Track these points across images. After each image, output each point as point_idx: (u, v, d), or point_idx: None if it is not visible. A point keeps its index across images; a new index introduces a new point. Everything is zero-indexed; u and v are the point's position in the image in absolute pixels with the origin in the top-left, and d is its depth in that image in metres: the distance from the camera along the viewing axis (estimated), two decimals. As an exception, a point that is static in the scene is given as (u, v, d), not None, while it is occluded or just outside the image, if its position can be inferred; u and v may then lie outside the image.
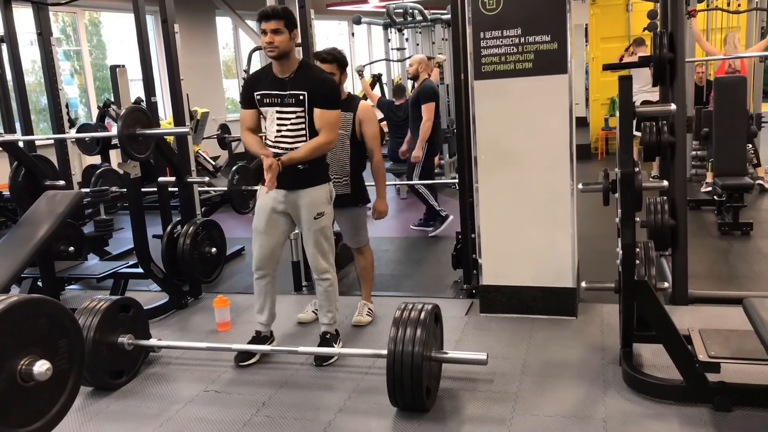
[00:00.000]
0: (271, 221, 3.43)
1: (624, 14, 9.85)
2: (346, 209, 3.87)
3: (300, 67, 3.33)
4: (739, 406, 2.73)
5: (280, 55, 3.23)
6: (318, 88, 3.29)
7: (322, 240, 3.43)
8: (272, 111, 3.35)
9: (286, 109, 3.31)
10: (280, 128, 3.34)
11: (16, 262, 3.76)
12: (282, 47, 3.20)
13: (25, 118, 5.33)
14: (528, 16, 3.66)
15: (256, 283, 3.53)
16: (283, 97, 3.31)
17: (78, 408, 3.11)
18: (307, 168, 3.32)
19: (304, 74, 3.31)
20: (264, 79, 3.37)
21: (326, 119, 3.28)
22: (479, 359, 2.97)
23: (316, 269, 3.48)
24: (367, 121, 3.81)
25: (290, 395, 3.16)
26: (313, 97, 3.27)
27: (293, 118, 3.31)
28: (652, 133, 3.76)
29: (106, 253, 5.76)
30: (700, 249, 5.06)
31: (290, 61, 3.28)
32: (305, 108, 3.28)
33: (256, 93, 3.36)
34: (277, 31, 3.18)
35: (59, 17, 9.92)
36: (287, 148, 3.33)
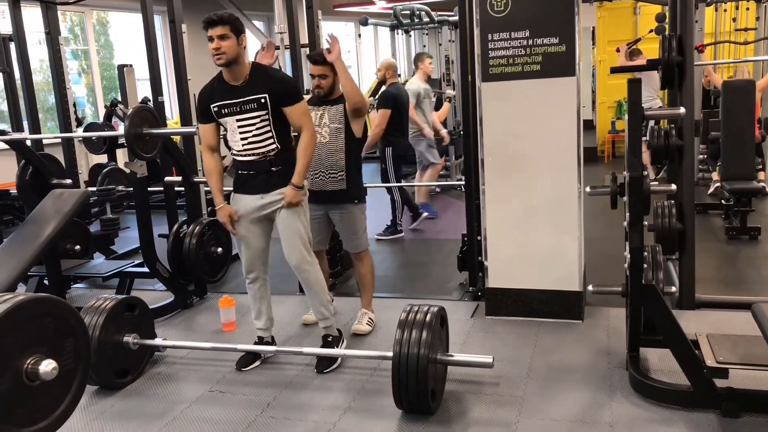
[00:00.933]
0: (251, 225, 3.41)
1: (631, 17, 9.82)
2: (343, 208, 3.75)
3: (253, 71, 3.26)
4: (747, 413, 2.71)
5: (229, 62, 3.17)
6: (278, 87, 3.25)
7: (299, 228, 3.35)
8: (232, 121, 3.27)
9: (248, 116, 3.24)
10: (245, 136, 3.27)
11: (23, 260, 3.77)
12: (230, 53, 3.14)
13: (33, 116, 5.36)
14: (536, 18, 3.65)
15: (249, 288, 3.53)
16: (242, 104, 3.23)
17: (83, 407, 3.11)
18: (280, 169, 3.30)
19: (259, 77, 3.25)
20: (217, 89, 3.29)
21: (300, 112, 3.27)
22: (485, 362, 2.96)
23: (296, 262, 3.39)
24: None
25: (295, 396, 3.15)
26: (276, 97, 3.22)
27: (257, 123, 3.24)
28: (660, 136, 3.74)
29: (112, 252, 5.77)
30: (708, 253, 5.03)
31: (241, 66, 3.22)
32: (268, 110, 3.23)
33: (213, 105, 3.28)
34: (223, 37, 3.12)
35: (67, 16, 9.94)
36: (257, 153, 3.29)
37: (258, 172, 3.34)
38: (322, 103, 3.71)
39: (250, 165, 3.34)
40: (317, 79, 3.62)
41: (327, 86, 3.64)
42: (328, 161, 3.67)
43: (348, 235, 3.85)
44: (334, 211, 3.78)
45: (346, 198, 3.73)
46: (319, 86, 3.64)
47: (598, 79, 10.56)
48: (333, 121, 3.66)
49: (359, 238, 3.84)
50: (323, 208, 3.76)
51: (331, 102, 3.70)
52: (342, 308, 4.12)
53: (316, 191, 3.68)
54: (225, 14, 3.18)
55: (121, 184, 5.99)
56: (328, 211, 3.79)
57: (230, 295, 4.23)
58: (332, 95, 3.70)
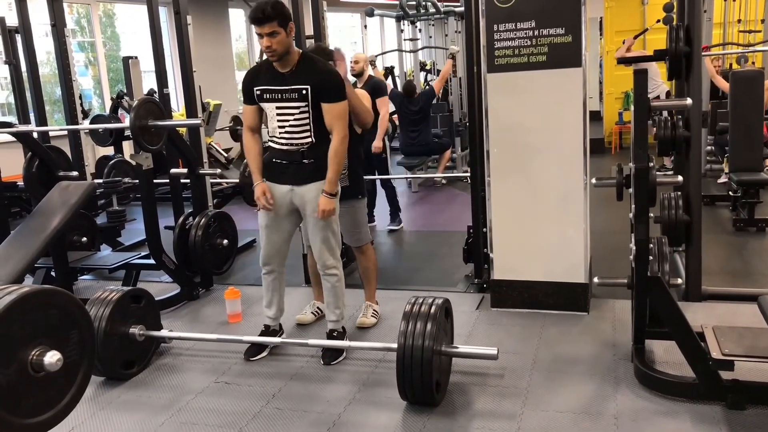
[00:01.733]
0: (277, 217, 3.41)
1: (639, 7, 9.76)
2: (346, 203, 3.71)
3: (301, 60, 3.21)
4: (752, 405, 2.70)
5: (281, 56, 3.15)
6: (322, 81, 3.18)
7: (329, 235, 3.38)
8: (272, 107, 3.25)
9: (288, 104, 3.22)
10: (282, 125, 3.25)
11: (30, 252, 3.78)
12: (281, 49, 3.10)
13: (39, 109, 5.37)
14: (542, 9, 3.62)
15: (264, 278, 3.54)
16: (284, 92, 3.21)
17: (89, 398, 3.13)
18: (313, 161, 3.28)
19: (306, 68, 3.20)
20: (263, 73, 3.27)
21: (336, 113, 3.20)
22: (490, 354, 2.96)
23: (324, 265, 3.44)
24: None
25: (300, 387, 3.16)
26: (318, 91, 3.18)
27: (296, 114, 3.22)
28: (667, 127, 3.72)
29: (119, 244, 5.80)
30: (715, 245, 5.01)
31: (290, 55, 3.17)
32: (308, 102, 3.20)
33: (256, 88, 3.26)
34: (273, 34, 3.06)
35: (74, 9, 9.96)
36: (293, 143, 3.27)
37: (290, 162, 3.30)
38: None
39: (284, 154, 3.31)
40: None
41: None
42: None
43: (350, 229, 3.81)
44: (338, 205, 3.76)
45: (350, 194, 3.70)
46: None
47: (605, 70, 10.51)
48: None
49: (361, 231, 3.83)
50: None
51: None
52: (346, 301, 4.09)
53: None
54: (269, 9, 3.04)
55: (128, 176, 6.01)
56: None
57: (236, 286, 4.25)
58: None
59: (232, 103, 11.49)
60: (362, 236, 3.85)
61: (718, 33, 8.25)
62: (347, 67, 3.93)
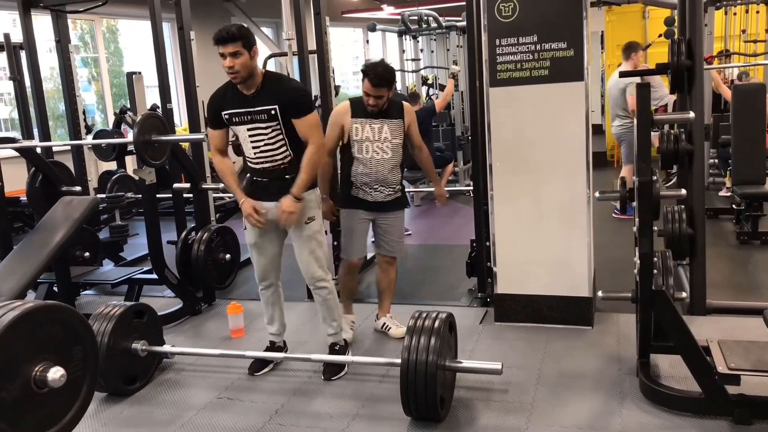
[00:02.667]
0: (264, 233, 3.39)
1: (641, 21, 9.79)
2: (393, 214, 3.76)
3: (265, 80, 3.19)
4: (759, 420, 2.68)
5: (245, 79, 3.13)
6: (288, 99, 3.17)
7: (315, 246, 3.36)
8: (243, 129, 3.23)
9: (259, 125, 3.20)
10: (256, 145, 3.23)
11: (33, 267, 3.78)
12: (244, 71, 3.08)
13: (43, 124, 5.39)
14: (544, 23, 3.64)
15: (262, 294, 3.53)
16: (252, 114, 3.19)
17: (92, 414, 3.12)
18: (294, 177, 3.23)
19: (270, 87, 3.18)
20: (229, 97, 3.23)
21: (307, 124, 3.19)
22: (494, 369, 2.94)
23: (312, 277, 3.40)
24: (413, 123, 3.78)
25: (303, 403, 3.14)
26: (285, 109, 3.16)
27: (269, 133, 3.20)
28: (670, 141, 3.72)
29: (121, 259, 5.79)
30: (719, 258, 5.00)
31: (254, 78, 3.15)
32: (279, 121, 3.17)
33: (224, 113, 3.24)
34: (236, 54, 3.04)
35: (77, 24, 10.02)
36: (271, 161, 3.26)
37: (272, 180, 3.29)
38: (378, 115, 3.63)
39: (264, 172, 3.30)
40: (373, 99, 3.54)
41: (382, 105, 3.59)
42: (390, 177, 3.66)
43: (392, 239, 3.79)
44: (383, 217, 3.75)
45: (397, 205, 3.77)
46: (375, 105, 3.56)
47: (607, 84, 10.52)
48: (395, 136, 3.64)
49: (402, 242, 3.86)
50: (373, 214, 3.75)
51: (389, 115, 3.65)
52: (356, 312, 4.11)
53: (370, 201, 3.69)
54: (234, 29, 3.06)
55: (130, 190, 6.01)
56: (376, 217, 3.76)
57: (238, 301, 4.24)
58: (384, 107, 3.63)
59: (234, 118, 11.50)
60: (403, 246, 3.90)
61: (719, 47, 8.25)
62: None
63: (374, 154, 3.61)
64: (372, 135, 3.61)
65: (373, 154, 3.61)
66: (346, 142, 3.66)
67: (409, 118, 3.74)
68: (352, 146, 3.63)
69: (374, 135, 3.61)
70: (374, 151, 3.61)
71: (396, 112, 3.68)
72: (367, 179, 3.64)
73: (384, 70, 3.54)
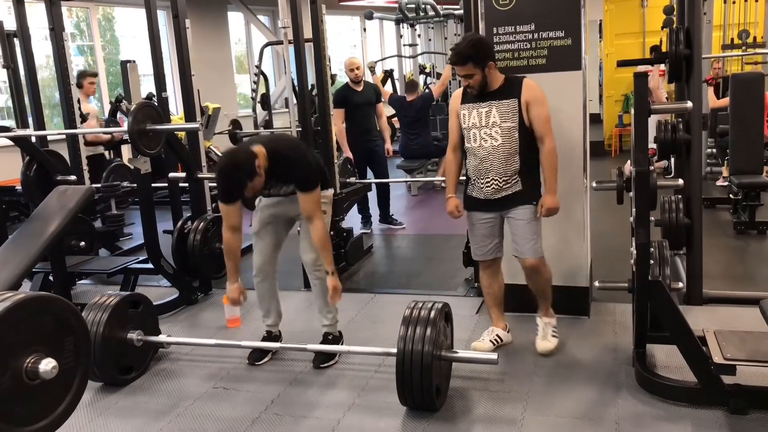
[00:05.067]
0: (270, 225, 3.44)
1: (639, 10, 9.75)
2: (519, 209, 3.25)
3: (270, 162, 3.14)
4: (755, 409, 2.68)
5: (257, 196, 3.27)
6: (294, 177, 3.22)
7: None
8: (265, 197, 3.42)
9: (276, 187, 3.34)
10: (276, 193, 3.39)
11: (28, 256, 3.77)
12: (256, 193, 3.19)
13: (38, 113, 5.35)
14: (541, 12, 3.61)
15: (258, 286, 3.52)
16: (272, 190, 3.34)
17: (87, 403, 3.11)
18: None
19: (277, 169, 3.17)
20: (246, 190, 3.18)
21: (309, 201, 3.21)
22: (490, 359, 2.94)
23: (312, 260, 3.39)
24: (535, 102, 3.18)
25: (299, 393, 3.14)
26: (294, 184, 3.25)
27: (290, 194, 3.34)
28: (668, 130, 3.71)
29: (117, 248, 5.78)
30: (716, 248, 4.99)
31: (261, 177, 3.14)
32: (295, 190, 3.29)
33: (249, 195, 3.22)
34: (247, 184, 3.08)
35: (73, 12, 9.94)
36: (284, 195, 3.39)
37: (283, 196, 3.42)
38: (486, 97, 3.21)
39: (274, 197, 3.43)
40: (464, 80, 3.19)
41: (477, 84, 3.16)
42: (502, 167, 3.19)
43: (519, 238, 3.28)
44: (505, 214, 3.31)
45: (523, 199, 3.25)
46: (469, 86, 3.20)
47: (605, 73, 10.50)
48: (505, 119, 3.16)
49: (536, 242, 3.28)
50: (493, 213, 3.33)
51: (499, 95, 3.19)
52: (346, 305, 4.10)
53: (483, 200, 3.30)
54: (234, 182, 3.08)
55: (126, 180, 5.99)
56: (502, 214, 3.33)
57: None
58: (492, 87, 3.20)
59: (231, 107, 11.48)
60: (538, 246, 3.30)
61: (717, 35, 8.23)
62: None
63: (482, 141, 3.20)
64: (479, 120, 3.20)
65: (481, 141, 3.21)
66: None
67: (528, 96, 3.16)
68: (464, 136, 3.31)
69: (481, 120, 3.20)
70: (482, 138, 3.20)
71: (509, 90, 3.19)
72: (477, 172, 3.26)
73: (466, 44, 3.15)
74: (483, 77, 3.15)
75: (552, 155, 3.21)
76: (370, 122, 6.30)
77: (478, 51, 3.12)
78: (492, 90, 3.20)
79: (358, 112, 6.15)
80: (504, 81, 3.22)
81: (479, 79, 3.15)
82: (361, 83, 6.20)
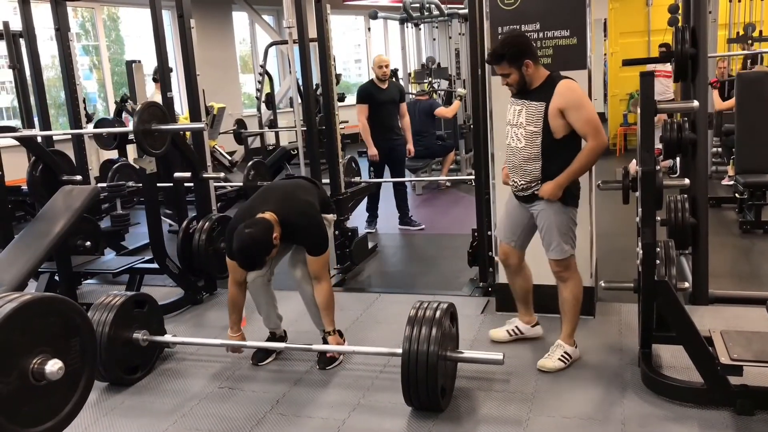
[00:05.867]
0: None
1: (644, 9, 9.72)
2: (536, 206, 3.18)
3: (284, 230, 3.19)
4: (761, 410, 2.67)
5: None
6: (304, 241, 3.30)
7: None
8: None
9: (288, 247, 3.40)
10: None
11: (34, 256, 3.78)
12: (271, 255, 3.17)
13: (43, 113, 5.37)
14: (546, 11, 3.60)
15: (254, 296, 3.49)
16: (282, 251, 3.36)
17: (93, 403, 3.12)
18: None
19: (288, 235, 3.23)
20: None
21: (318, 263, 3.28)
22: (495, 359, 2.93)
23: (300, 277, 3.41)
24: (570, 107, 2.99)
25: (304, 393, 3.14)
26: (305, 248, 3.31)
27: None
28: (673, 130, 3.69)
29: (123, 248, 5.78)
30: (722, 248, 4.98)
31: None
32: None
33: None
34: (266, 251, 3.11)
35: (78, 12, 9.97)
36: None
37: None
38: (523, 96, 3.13)
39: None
40: (502, 78, 3.13)
41: (515, 82, 3.09)
42: (524, 169, 3.13)
43: (545, 236, 3.19)
44: (531, 208, 3.22)
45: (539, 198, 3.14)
46: (508, 84, 3.13)
47: (609, 71, 10.47)
48: (530, 122, 3.06)
49: (560, 241, 3.14)
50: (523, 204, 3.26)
51: (533, 96, 3.08)
52: (350, 305, 4.11)
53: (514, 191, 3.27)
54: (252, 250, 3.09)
55: (132, 179, 5.99)
56: (528, 207, 3.24)
57: (240, 291, 4.22)
58: (532, 85, 3.08)
59: (236, 107, 11.50)
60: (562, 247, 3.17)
61: (723, 34, 8.19)
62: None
63: (510, 140, 3.18)
64: (512, 118, 3.16)
65: (509, 140, 3.19)
66: None
67: (560, 103, 2.99)
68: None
69: (514, 118, 3.15)
70: (510, 137, 3.18)
71: (543, 93, 3.05)
72: (508, 166, 3.26)
73: (502, 42, 3.08)
74: (520, 76, 3.05)
75: (591, 152, 3.04)
76: (393, 120, 6.26)
77: (512, 49, 3.02)
78: (532, 88, 3.09)
79: (382, 110, 6.12)
80: (545, 80, 3.08)
81: (516, 77, 3.06)
82: (387, 81, 6.16)
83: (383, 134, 6.16)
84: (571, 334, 3.26)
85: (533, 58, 3.07)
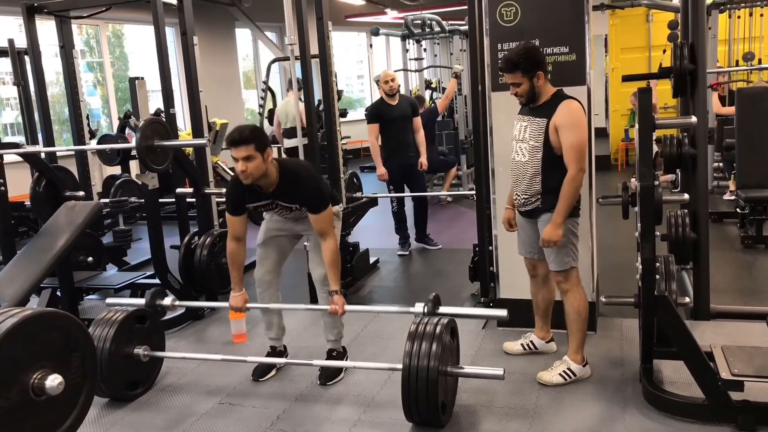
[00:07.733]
0: (276, 238, 3.48)
1: (644, 25, 9.77)
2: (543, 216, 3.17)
3: (281, 179, 3.18)
4: (763, 426, 2.66)
5: (257, 180, 3.11)
6: (305, 200, 3.24)
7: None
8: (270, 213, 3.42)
9: (285, 211, 3.34)
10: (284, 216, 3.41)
11: (36, 272, 3.80)
12: (256, 173, 3.05)
13: (47, 129, 5.39)
14: (546, 28, 3.63)
15: (259, 297, 3.53)
16: (278, 205, 3.30)
17: (93, 419, 3.11)
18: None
19: (287, 187, 3.20)
20: (250, 192, 3.22)
21: (321, 220, 3.23)
22: (496, 374, 2.92)
23: (321, 276, 3.39)
24: (564, 127, 3.03)
25: (305, 409, 3.14)
26: (304, 205, 3.26)
27: (295, 211, 3.33)
28: (673, 145, 3.71)
29: (125, 264, 5.80)
30: (723, 263, 4.97)
31: (269, 177, 3.14)
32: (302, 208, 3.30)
33: (249, 205, 3.28)
34: (248, 158, 3.01)
35: (83, 29, 10.05)
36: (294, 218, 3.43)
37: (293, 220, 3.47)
38: (530, 111, 3.16)
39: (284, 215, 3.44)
40: (512, 88, 3.13)
41: (525, 93, 3.09)
42: (526, 184, 3.17)
43: (547, 249, 3.18)
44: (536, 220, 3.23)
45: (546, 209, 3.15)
46: (516, 95, 3.13)
47: (611, 87, 10.51)
48: (532, 138, 3.10)
49: (559, 252, 3.14)
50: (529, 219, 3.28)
51: (538, 112, 3.12)
52: (353, 321, 4.10)
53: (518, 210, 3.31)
54: (247, 132, 3.03)
55: (134, 195, 6.02)
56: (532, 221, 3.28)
57: (241, 306, 4.22)
58: (539, 100, 3.12)
59: (239, 122, 11.51)
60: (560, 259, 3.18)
61: (723, 50, 8.23)
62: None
63: (514, 154, 3.21)
64: (517, 133, 3.20)
65: (514, 154, 3.22)
66: None
67: (558, 120, 3.03)
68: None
69: (519, 133, 3.19)
70: (515, 152, 3.21)
71: (547, 109, 3.09)
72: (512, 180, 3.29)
73: (517, 51, 3.07)
74: (531, 87, 3.07)
75: (570, 184, 3.02)
76: (407, 137, 5.99)
77: (527, 59, 3.03)
78: (537, 104, 3.12)
79: (394, 127, 5.89)
80: (551, 97, 3.12)
81: (526, 88, 3.07)
82: (396, 96, 5.95)
83: (398, 152, 5.95)
84: (577, 350, 3.23)
85: (545, 72, 3.11)
